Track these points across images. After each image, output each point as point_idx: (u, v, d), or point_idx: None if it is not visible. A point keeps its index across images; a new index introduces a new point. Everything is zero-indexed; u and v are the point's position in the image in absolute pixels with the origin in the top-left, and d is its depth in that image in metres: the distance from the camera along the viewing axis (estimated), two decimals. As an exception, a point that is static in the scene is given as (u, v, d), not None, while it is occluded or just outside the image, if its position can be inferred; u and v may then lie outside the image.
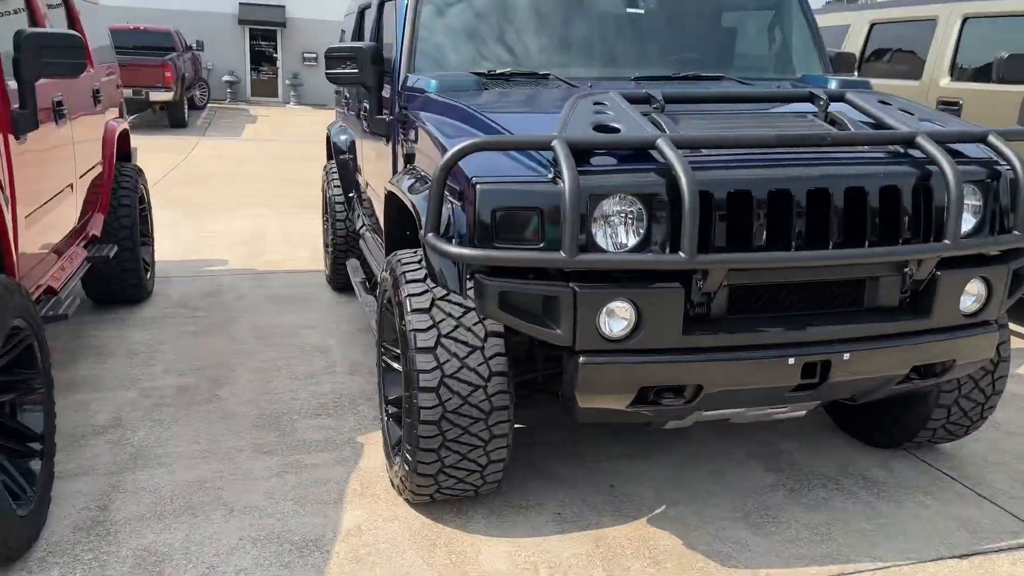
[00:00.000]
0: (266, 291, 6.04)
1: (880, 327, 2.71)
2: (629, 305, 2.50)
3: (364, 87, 3.71)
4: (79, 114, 4.42)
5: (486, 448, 2.84)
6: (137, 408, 3.98)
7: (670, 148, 2.46)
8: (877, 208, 2.62)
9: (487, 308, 2.53)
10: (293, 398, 4.12)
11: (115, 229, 5.18)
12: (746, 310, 2.67)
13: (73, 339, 4.90)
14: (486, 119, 2.86)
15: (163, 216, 8.57)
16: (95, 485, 3.26)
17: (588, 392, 2.59)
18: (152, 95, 17.21)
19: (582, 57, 3.70)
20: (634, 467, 3.47)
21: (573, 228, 2.37)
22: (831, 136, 2.63)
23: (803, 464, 3.54)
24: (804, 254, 2.51)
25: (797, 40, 4.12)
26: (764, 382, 2.64)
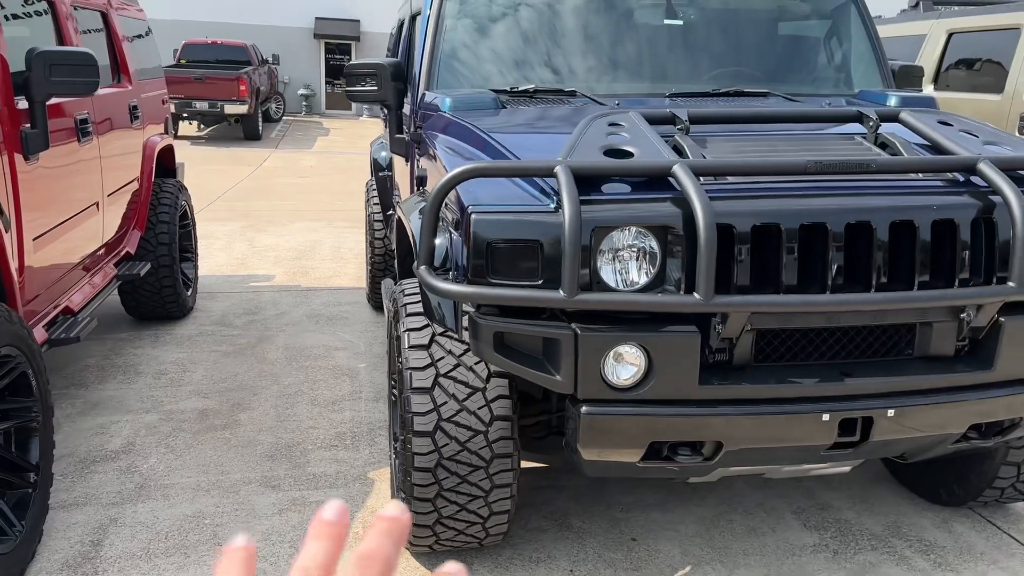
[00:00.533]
0: (306, 309, 5.94)
1: (932, 379, 2.37)
2: (638, 350, 2.23)
3: (384, 105, 3.54)
4: (111, 131, 4.37)
5: (487, 499, 2.61)
6: (154, 432, 3.87)
7: (687, 175, 2.19)
8: (929, 245, 2.30)
9: (481, 350, 2.30)
10: (311, 426, 3.97)
11: (153, 246, 5.13)
12: (774, 357, 2.37)
13: (107, 356, 4.86)
14: (493, 141, 2.64)
15: (221, 229, 8.62)
16: (94, 517, 3.15)
17: (592, 446, 2.33)
18: (227, 108, 17.54)
19: (613, 72, 3.45)
20: (661, 518, 3.19)
21: (573, 264, 2.13)
22: (877, 162, 2.32)
23: (850, 521, 3.20)
24: (840, 298, 2.21)
25: (855, 52, 3.78)
26: (794, 440, 2.34)
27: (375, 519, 0.50)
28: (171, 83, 17.29)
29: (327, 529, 0.49)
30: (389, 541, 0.49)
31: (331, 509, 0.50)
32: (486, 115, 3.00)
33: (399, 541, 0.49)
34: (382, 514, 0.50)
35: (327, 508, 0.50)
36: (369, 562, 0.48)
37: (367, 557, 0.48)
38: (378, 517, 0.50)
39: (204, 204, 9.99)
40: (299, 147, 17.26)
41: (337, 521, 0.50)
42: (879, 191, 2.36)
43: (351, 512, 3.17)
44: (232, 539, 0.51)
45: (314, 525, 0.50)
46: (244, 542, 0.50)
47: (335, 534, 0.49)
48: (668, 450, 2.37)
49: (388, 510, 0.50)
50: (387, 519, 0.50)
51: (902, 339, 2.43)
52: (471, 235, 2.24)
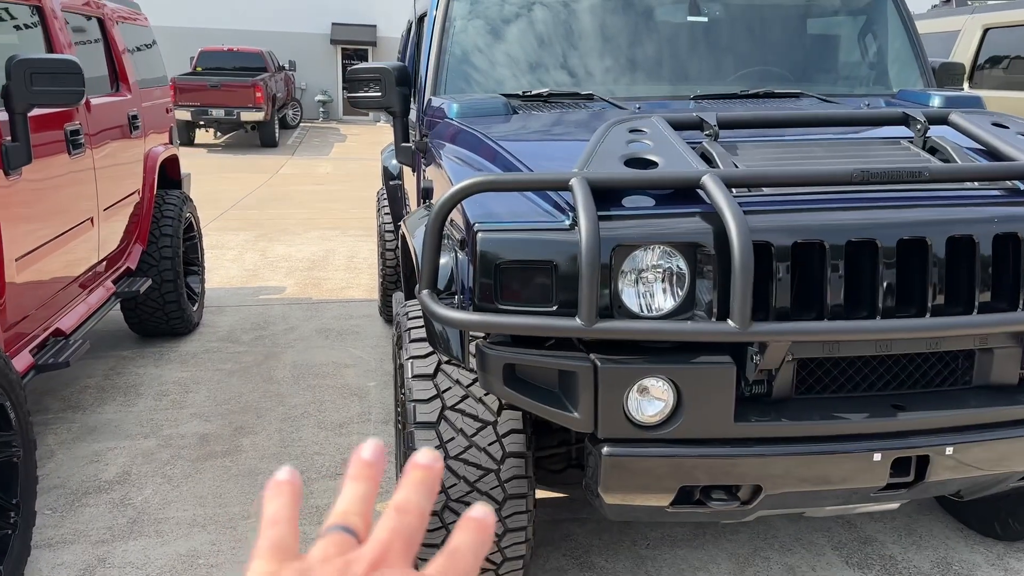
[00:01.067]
0: (317, 323, 5.73)
1: (994, 412, 2.12)
2: (666, 384, 1.99)
3: (388, 112, 3.32)
4: (107, 142, 4.19)
5: (499, 543, 2.38)
6: (151, 460, 3.68)
7: (718, 187, 1.95)
8: (990, 261, 2.05)
9: (490, 383, 2.07)
10: (316, 452, 3.75)
11: (155, 261, 4.95)
12: (817, 389, 2.13)
13: (108, 376, 4.68)
14: (502, 150, 2.41)
15: (234, 239, 8.45)
16: (81, 556, 2.95)
17: (616, 490, 2.09)
18: (243, 115, 17.46)
19: (633, 74, 3.21)
20: (691, 556, 2.94)
21: (591, 288, 1.90)
22: (930, 170, 2.07)
23: (896, 558, 2.94)
24: (894, 324, 1.96)
25: (893, 49, 3.52)
26: (842, 482, 2.09)
27: (407, 467, 0.50)
28: (187, 91, 17.43)
29: (365, 470, 0.50)
30: (423, 491, 0.49)
31: (369, 448, 0.51)
32: (496, 122, 2.78)
33: (432, 490, 0.50)
34: (415, 461, 0.50)
35: (366, 447, 0.51)
36: (403, 515, 0.48)
37: (401, 509, 0.48)
38: (410, 465, 0.50)
39: (218, 213, 9.85)
40: (316, 154, 17.13)
41: (375, 461, 0.51)
42: (933, 203, 2.11)
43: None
44: (277, 472, 0.51)
45: (353, 464, 0.51)
46: (288, 476, 0.51)
47: (372, 475, 0.50)
48: (700, 494, 2.13)
49: (421, 457, 0.50)
50: (420, 467, 0.50)
51: (959, 367, 2.18)
52: (477, 255, 2.02)
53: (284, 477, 0.51)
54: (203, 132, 18.50)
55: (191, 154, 16.06)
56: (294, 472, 0.51)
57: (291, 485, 0.51)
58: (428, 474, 0.50)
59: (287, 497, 0.50)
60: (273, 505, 0.50)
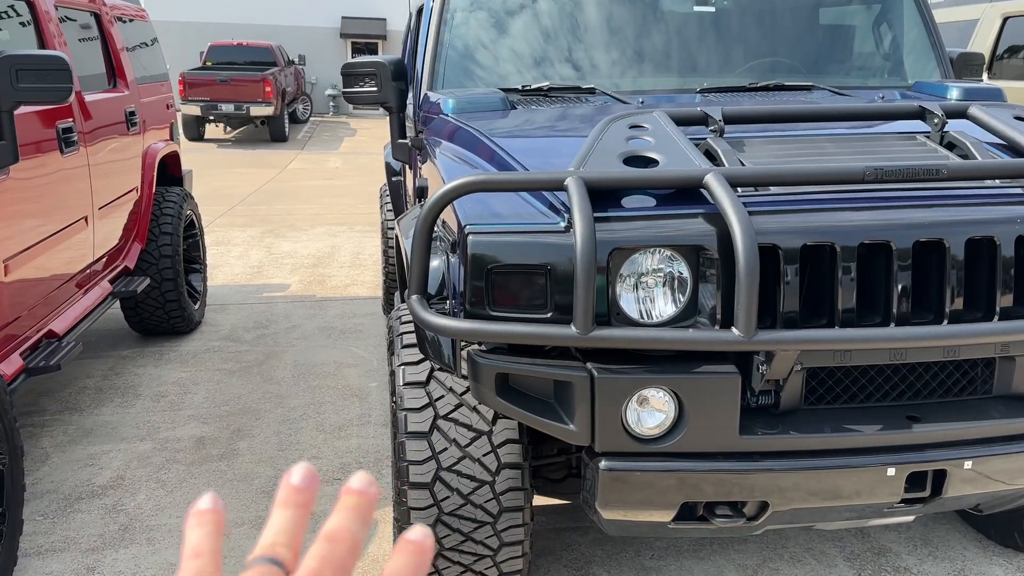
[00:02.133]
0: (319, 321, 5.65)
1: (1016, 424, 2.00)
2: (667, 394, 1.89)
3: (384, 107, 3.22)
4: (102, 139, 4.11)
5: (495, 558, 2.28)
6: (146, 464, 3.60)
7: (722, 186, 1.84)
8: (1013, 264, 1.93)
9: (482, 393, 1.98)
10: (314, 456, 3.67)
11: (155, 259, 4.87)
12: (828, 399, 2.02)
13: (106, 376, 4.61)
14: (498, 148, 2.31)
15: (240, 235, 8.39)
16: (71, 565, 2.88)
17: (614, 505, 1.99)
18: (253, 110, 17.38)
19: (636, 66, 3.10)
20: (697, 567, 2.84)
21: (587, 293, 1.79)
22: (948, 167, 1.95)
23: (911, 570, 2.82)
24: (910, 331, 1.85)
25: (908, 39, 3.39)
26: (854, 498, 1.98)
27: (341, 492, 0.48)
28: (196, 85, 17.39)
29: (295, 496, 0.48)
30: (356, 518, 0.48)
31: (299, 473, 0.49)
32: (493, 117, 2.67)
33: (366, 517, 0.48)
34: (349, 487, 0.48)
35: (295, 472, 0.49)
36: (334, 543, 0.46)
37: (332, 538, 0.47)
38: (344, 491, 0.48)
39: (226, 209, 9.79)
40: (325, 148, 17.06)
41: (305, 487, 0.49)
42: (952, 202, 1.99)
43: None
44: (198, 500, 0.49)
45: (282, 490, 0.49)
46: (211, 504, 0.49)
47: (302, 501, 0.48)
48: (704, 509, 2.03)
49: (354, 482, 0.49)
50: (354, 492, 0.48)
51: (979, 376, 2.06)
52: (468, 259, 1.91)
53: (206, 506, 0.49)
54: (213, 127, 18.45)
55: (201, 149, 16.03)
56: (217, 500, 0.49)
57: (214, 514, 0.49)
58: (362, 500, 0.48)
59: (210, 527, 0.48)
60: (194, 535, 0.48)
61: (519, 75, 3.08)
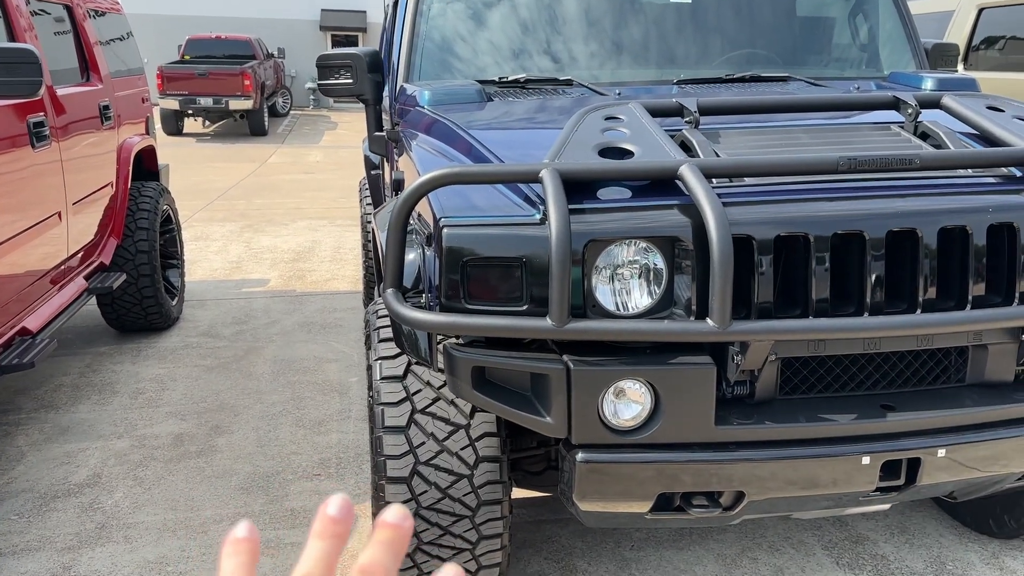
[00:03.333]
0: (299, 316, 5.62)
1: (989, 411, 2.01)
2: (643, 386, 1.89)
3: (360, 100, 3.19)
4: (75, 134, 4.06)
5: (474, 551, 2.28)
6: (123, 462, 3.57)
7: (696, 177, 1.84)
8: (984, 253, 1.94)
9: (458, 386, 1.97)
10: (294, 452, 3.65)
11: (131, 255, 4.83)
12: (803, 389, 2.02)
13: (83, 374, 4.57)
14: (474, 140, 2.30)
15: (219, 230, 8.33)
16: (46, 565, 2.85)
17: (592, 497, 1.99)
18: (232, 103, 17.26)
19: (613, 57, 3.09)
20: (676, 557, 2.85)
21: (562, 285, 1.79)
22: (921, 157, 1.95)
23: (888, 557, 2.84)
24: (883, 321, 1.86)
25: (884, 30, 3.40)
26: (829, 486, 1.99)
27: (376, 525, 0.49)
28: (175, 79, 17.24)
29: (331, 527, 0.49)
30: (391, 551, 0.48)
31: (336, 504, 0.49)
32: (469, 109, 2.66)
33: (399, 551, 0.49)
34: (383, 520, 0.49)
35: (332, 503, 0.49)
36: None
37: (367, 571, 0.47)
38: (378, 524, 0.49)
39: (204, 204, 9.71)
40: (306, 142, 16.96)
41: (342, 518, 0.49)
42: (924, 192, 2.00)
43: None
44: (235, 529, 0.49)
45: (319, 521, 0.49)
46: (247, 533, 0.49)
47: (338, 532, 0.49)
48: (681, 500, 2.03)
49: (389, 516, 0.49)
50: (388, 527, 0.49)
51: (952, 364, 2.08)
52: (444, 251, 1.90)
53: (243, 535, 0.49)
54: (191, 121, 18.30)
55: (179, 144, 15.89)
56: (252, 528, 0.49)
57: (249, 543, 0.49)
58: (397, 534, 0.49)
59: (245, 556, 0.48)
60: (230, 564, 0.48)
61: (496, 67, 3.07)
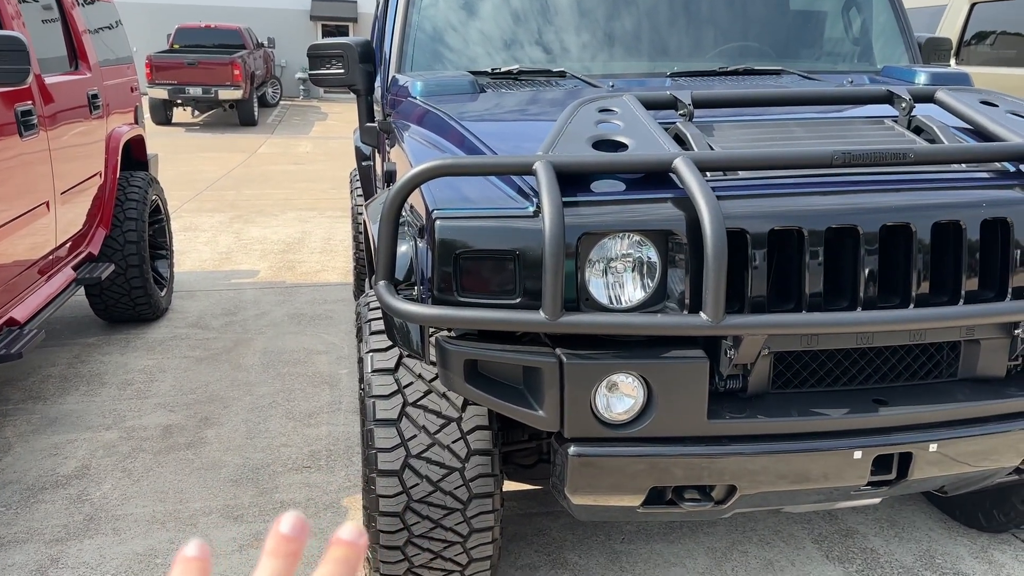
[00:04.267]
0: (289, 308, 5.60)
1: (981, 406, 2.02)
2: (636, 380, 1.88)
3: (352, 90, 3.17)
4: (64, 123, 4.02)
5: (465, 544, 2.27)
6: (112, 453, 3.55)
7: (691, 171, 1.83)
8: (978, 248, 1.94)
9: (451, 380, 1.96)
10: (284, 444, 3.63)
11: (120, 245, 4.79)
12: (795, 383, 2.02)
13: (71, 364, 4.53)
14: (467, 132, 2.28)
15: (208, 221, 8.28)
16: (34, 556, 2.83)
17: (583, 491, 1.98)
18: (221, 93, 17.16)
19: (607, 49, 3.08)
20: (667, 551, 2.85)
21: (555, 279, 1.78)
22: (915, 151, 1.95)
23: (878, 551, 2.86)
24: (874, 315, 1.85)
25: (877, 24, 3.40)
26: (821, 481, 1.99)
27: (330, 543, 0.48)
28: (164, 68, 17.13)
29: (284, 545, 0.48)
30: (344, 569, 0.48)
31: (288, 522, 0.49)
32: (462, 101, 2.64)
33: (354, 568, 0.48)
34: (338, 537, 0.48)
35: (284, 521, 0.49)
36: None
37: None
38: (333, 541, 0.48)
39: (193, 194, 9.66)
40: (296, 133, 16.88)
41: (295, 537, 0.48)
42: (918, 186, 2.00)
43: (318, 548, 2.85)
44: (185, 546, 0.48)
45: (271, 539, 0.48)
46: (197, 551, 0.49)
47: (291, 551, 0.48)
48: (672, 494, 2.03)
49: (344, 533, 0.49)
50: (343, 544, 0.48)
51: (944, 359, 2.08)
52: (436, 244, 1.89)
53: (192, 553, 0.48)
54: (180, 111, 18.18)
55: (168, 133, 15.80)
56: (204, 547, 0.49)
57: (200, 562, 0.48)
58: (351, 551, 0.48)
59: (195, 574, 0.48)
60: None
61: (489, 58, 3.05)
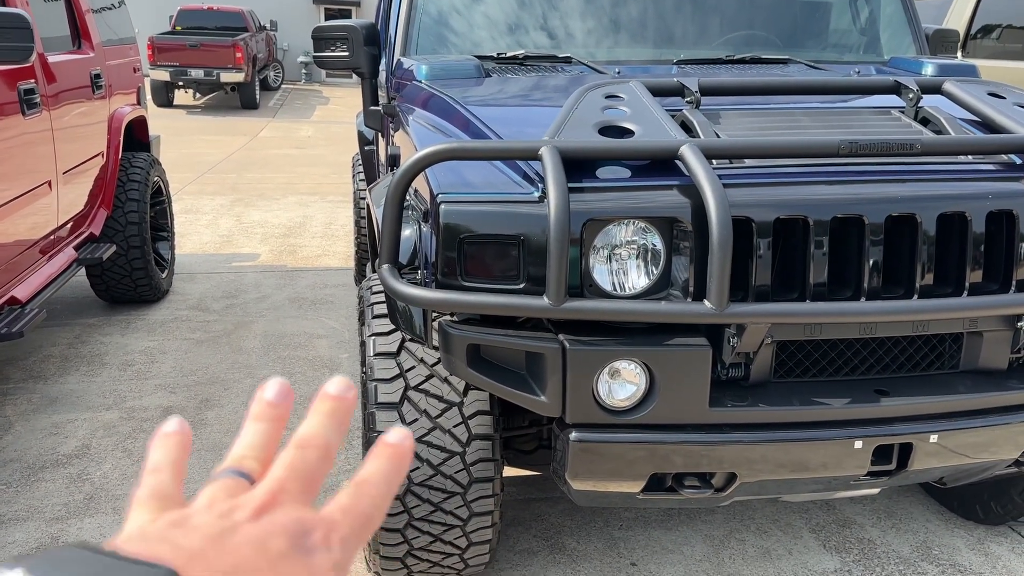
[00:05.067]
0: (290, 291, 5.59)
1: (982, 398, 2.02)
2: (638, 367, 1.88)
3: (356, 73, 3.16)
4: (66, 102, 4.01)
5: (464, 528, 2.28)
6: (112, 433, 3.55)
7: (697, 158, 1.83)
8: (983, 240, 1.94)
9: (453, 364, 1.96)
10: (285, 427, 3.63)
11: (121, 226, 4.78)
12: (797, 372, 2.02)
13: (72, 345, 4.54)
14: (472, 116, 2.28)
15: (209, 204, 8.27)
16: (34, 534, 2.84)
17: (584, 476, 1.99)
18: (223, 76, 17.09)
19: (613, 36, 3.07)
20: (665, 538, 2.86)
21: (560, 264, 1.78)
22: (922, 142, 1.95)
23: (875, 541, 2.87)
24: (878, 306, 1.85)
25: (885, 14, 3.38)
26: (821, 470, 2.00)
27: (316, 396, 0.46)
28: (165, 50, 17.05)
29: (268, 410, 0.47)
30: (331, 424, 0.46)
31: (273, 388, 0.47)
32: (467, 85, 2.63)
33: (342, 423, 0.46)
34: (325, 392, 0.46)
35: (269, 387, 0.47)
36: (304, 450, 0.44)
37: (303, 444, 0.45)
38: (320, 395, 0.46)
39: (194, 176, 9.63)
40: (297, 116, 16.83)
41: (279, 402, 0.47)
42: (924, 177, 1.99)
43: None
44: (165, 423, 0.48)
45: (255, 405, 0.47)
46: (177, 427, 0.48)
47: (276, 415, 0.47)
48: (673, 480, 2.03)
49: (331, 387, 0.47)
50: (331, 397, 0.46)
51: (947, 350, 2.08)
52: (440, 228, 1.89)
53: (172, 429, 0.48)
54: (182, 93, 18.12)
55: (170, 116, 15.75)
56: (183, 423, 0.48)
57: (179, 435, 0.48)
58: (339, 405, 0.47)
59: (173, 446, 0.47)
60: (157, 453, 0.47)
61: (494, 42, 3.04)
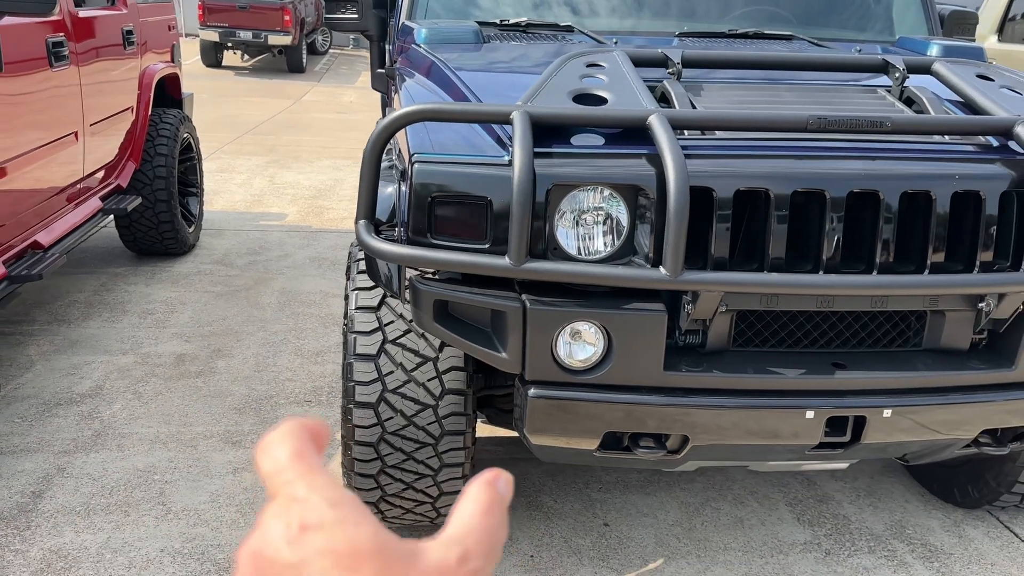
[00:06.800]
0: (312, 251, 5.72)
1: (939, 377, 2.05)
2: (596, 329, 1.95)
3: (365, 36, 3.24)
4: (96, 57, 4.14)
5: (436, 478, 2.37)
6: (125, 376, 3.72)
7: (663, 128, 1.87)
8: (947, 220, 1.96)
9: (421, 318, 2.04)
10: (289, 379, 3.77)
11: (148, 179, 4.94)
12: (756, 342, 2.07)
13: (97, 292, 4.72)
14: (458, 80, 2.34)
15: (245, 163, 8.42)
16: (42, 465, 3.00)
17: (541, 432, 2.07)
18: (271, 38, 17.26)
19: (619, 6, 3.09)
20: (641, 502, 2.93)
21: (522, 226, 1.84)
22: (892, 120, 1.96)
23: (850, 518, 2.90)
24: (831, 279, 1.89)
25: (897, -6, 3.35)
26: (772, 438, 2.05)
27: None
28: (216, 11, 17.25)
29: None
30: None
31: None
32: (463, 50, 2.69)
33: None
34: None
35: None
36: None
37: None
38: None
39: (234, 136, 9.81)
40: (342, 81, 16.95)
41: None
42: (892, 155, 2.01)
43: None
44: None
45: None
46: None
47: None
48: (628, 440, 2.10)
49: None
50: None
51: (909, 329, 2.11)
52: (413, 187, 1.96)
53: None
54: (231, 54, 18.35)
55: (217, 76, 16.00)
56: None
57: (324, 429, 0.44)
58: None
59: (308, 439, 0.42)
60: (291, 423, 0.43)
61: (499, 9, 3.08)
